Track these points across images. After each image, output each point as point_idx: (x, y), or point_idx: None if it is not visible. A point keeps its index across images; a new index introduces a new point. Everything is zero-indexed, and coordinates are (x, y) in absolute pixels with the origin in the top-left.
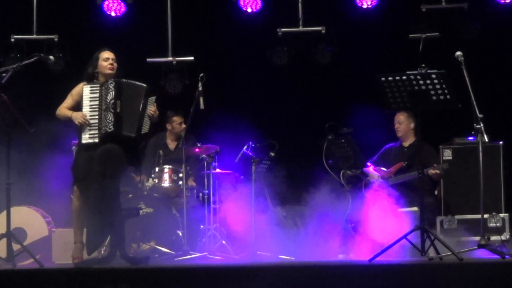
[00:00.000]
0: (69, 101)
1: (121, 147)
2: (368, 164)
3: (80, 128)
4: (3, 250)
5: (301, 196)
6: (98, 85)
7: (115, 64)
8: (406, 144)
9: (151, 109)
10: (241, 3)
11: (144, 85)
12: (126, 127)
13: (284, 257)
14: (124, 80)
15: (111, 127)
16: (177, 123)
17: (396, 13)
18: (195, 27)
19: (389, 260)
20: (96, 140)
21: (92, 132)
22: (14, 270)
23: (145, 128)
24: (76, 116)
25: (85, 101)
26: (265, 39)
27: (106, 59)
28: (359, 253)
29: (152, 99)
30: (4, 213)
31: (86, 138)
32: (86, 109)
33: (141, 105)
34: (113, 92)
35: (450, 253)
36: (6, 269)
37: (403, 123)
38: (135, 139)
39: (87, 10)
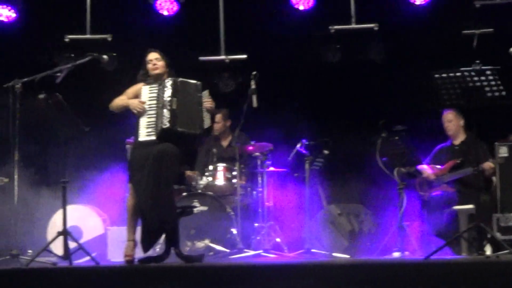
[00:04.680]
0: (123, 97)
1: (178, 146)
2: (422, 163)
3: (138, 126)
4: (60, 248)
5: (355, 194)
6: (156, 85)
7: (158, 64)
8: (457, 142)
9: (207, 102)
10: (293, 0)
11: (195, 81)
12: (182, 123)
13: (339, 255)
14: (180, 79)
15: (166, 123)
16: (215, 121)
17: (449, 9)
18: (247, 25)
19: (445, 258)
20: (153, 137)
21: (149, 130)
22: (70, 268)
23: (207, 122)
24: (133, 103)
25: (143, 100)
26: (317, 36)
27: (149, 61)
28: (414, 250)
29: (206, 93)
30: (61, 211)
31: (143, 136)
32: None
33: (197, 102)
34: (170, 90)
35: (507, 251)
36: (62, 267)
37: (452, 121)
38: (201, 134)
39: (139, 9)
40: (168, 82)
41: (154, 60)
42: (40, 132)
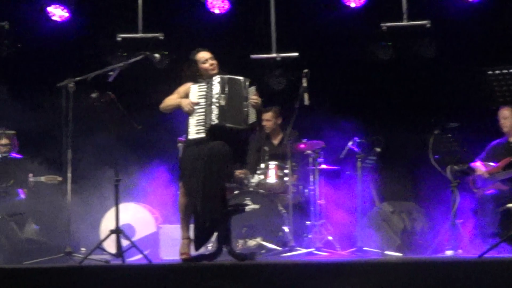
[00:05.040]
0: (174, 96)
1: (228, 143)
2: (476, 159)
3: (188, 124)
4: (113, 246)
5: (408, 191)
6: (204, 84)
7: (214, 63)
8: None
9: (253, 98)
10: None
11: (241, 78)
12: (231, 119)
13: (391, 254)
14: (227, 75)
15: (214, 119)
16: (265, 119)
17: (502, 5)
18: (299, 23)
19: (499, 257)
20: (203, 134)
21: (199, 128)
22: (123, 266)
23: (252, 118)
24: (185, 102)
25: (192, 99)
26: (369, 34)
27: (205, 61)
28: (468, 249)
29: (252, 89)
30: (113, 210)
31: (193, 134)
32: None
33: (244, 98)
34: (218, 87)
35: None
36: (115, 265)
37: (508, 118)
38: (246, 130)
39: (191, 8)
40: (216, 80)
41: (210, 59)
42: (93, 130)
